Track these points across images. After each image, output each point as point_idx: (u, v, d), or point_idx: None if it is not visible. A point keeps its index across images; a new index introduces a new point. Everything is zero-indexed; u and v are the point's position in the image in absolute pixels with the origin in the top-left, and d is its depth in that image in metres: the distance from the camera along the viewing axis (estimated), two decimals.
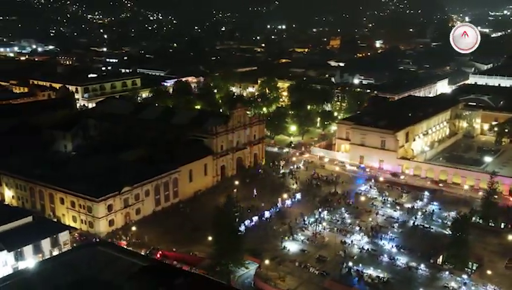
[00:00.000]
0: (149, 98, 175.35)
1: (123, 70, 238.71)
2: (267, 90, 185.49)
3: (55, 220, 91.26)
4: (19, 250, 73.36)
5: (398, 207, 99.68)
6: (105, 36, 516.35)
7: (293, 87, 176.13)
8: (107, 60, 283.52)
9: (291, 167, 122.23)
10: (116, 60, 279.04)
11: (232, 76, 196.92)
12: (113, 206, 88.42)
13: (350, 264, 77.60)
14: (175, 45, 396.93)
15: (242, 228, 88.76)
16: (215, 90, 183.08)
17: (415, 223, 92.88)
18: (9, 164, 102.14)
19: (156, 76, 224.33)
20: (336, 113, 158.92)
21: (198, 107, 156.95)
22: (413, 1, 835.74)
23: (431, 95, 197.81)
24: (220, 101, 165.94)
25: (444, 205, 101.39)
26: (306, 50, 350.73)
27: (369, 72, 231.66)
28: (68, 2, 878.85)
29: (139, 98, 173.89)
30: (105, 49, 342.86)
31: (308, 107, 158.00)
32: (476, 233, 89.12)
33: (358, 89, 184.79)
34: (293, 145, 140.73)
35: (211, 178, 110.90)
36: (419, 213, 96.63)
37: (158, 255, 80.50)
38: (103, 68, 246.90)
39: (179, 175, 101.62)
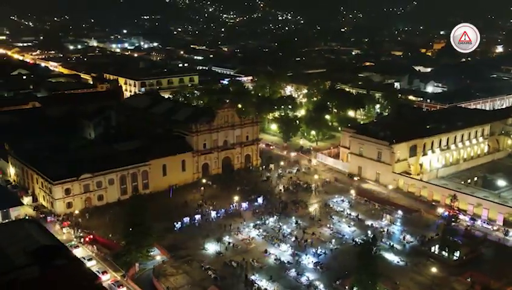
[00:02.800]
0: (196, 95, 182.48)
1: (199, 68, 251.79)
2: (315, 92, 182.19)
3: (31, 197, 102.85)
4: None
5: (352, 223, 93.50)
6: (222, 35, 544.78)
7: (323, 91, 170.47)
8: (195, 57, 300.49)
9: (280, 171, 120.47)
10: (202, 58, 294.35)
11: (281, 77, 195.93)
12: (71, 190, 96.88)
13: (249, 272, 76.06)
14: (276, 44, 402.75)
15: (178, 225, 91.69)
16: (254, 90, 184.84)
17: (358, 242, 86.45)
18: (18, 146, 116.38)
19: (224, 74, 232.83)
20: (364, 120, 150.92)
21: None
22: None
23: (500, 107, 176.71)
24: (254, 100, 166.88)
25: (411, 228, 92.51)
26: (402, 53, 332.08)
27: (448, 80, 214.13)
28: (208, 3, 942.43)
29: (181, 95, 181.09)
30: (203, 47, 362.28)
31: (335, 111, 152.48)
32: (419, 262, 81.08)
33: (411, 97, 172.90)
34: (303, 149, 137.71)
35: (190, 174, 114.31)
36: (369, 232, 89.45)
37: (87, 239, 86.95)
38: (180, 65, 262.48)
39: (149, 168, 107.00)
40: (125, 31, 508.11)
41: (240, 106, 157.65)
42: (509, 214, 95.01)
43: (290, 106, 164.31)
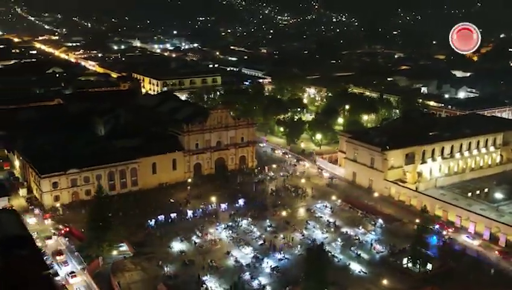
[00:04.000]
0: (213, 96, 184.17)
1: (228, 69, 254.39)
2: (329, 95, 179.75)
3: (26, 189, 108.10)
4: None
5: (325, 229, 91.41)
6: (270, 37, 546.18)
7: (335, 94, 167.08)
8: (229, 58, 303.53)
9: (272, 174, 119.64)
10: (236, 59, 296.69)
11: (300, 79, 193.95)
12: (58, 183, 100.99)
13: (202, 273, 76.41)
14: (315, 46, 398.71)
15: (152, 222, 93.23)
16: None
17: (325, 249, 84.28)
18: (28, 141, 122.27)
19: (250, 76, 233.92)
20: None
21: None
22: None
23: None
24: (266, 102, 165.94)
25: (389, 237, 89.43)
26: (445, 57, 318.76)
27: (484, 85, 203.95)
28: (264, 4, 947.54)
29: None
30: (242, 49, 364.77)
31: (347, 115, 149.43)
32: (382, 273, 78.09)
33: (432, 103, 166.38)
34: (305, 153, 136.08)
35: (182, 173, 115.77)
36: (339, 240, 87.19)
37: (63, 231, 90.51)
38: (210, 66, 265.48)
39: (138, 166, 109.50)
40: (175, 32, 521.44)
41: (255, 107, 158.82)
42: (497, 229, 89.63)
43: (301, 108, 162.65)
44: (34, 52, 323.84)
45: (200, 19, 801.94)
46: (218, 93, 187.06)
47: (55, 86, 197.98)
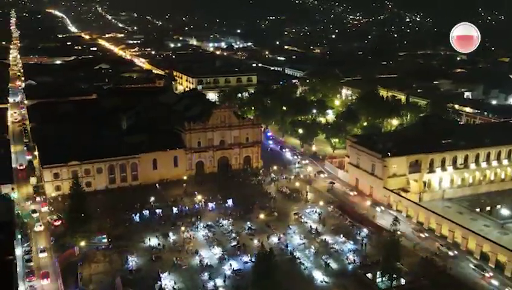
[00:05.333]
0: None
1: (272, 68, 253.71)
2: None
3: (37, 177, 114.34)
4: None
5: (303, 236, 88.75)
6: (333, 36, 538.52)
7: (359, 97, 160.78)
8: (278, 57, 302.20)
9: (273, 176, 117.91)
10: (283, 58, 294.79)
11: (331, 80, 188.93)
12: (59, 174, 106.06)
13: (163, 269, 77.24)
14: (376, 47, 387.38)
15: (136, 217, 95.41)
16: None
17: (295, 255, 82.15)
18: (50, 132, 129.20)
19: (291, 75, 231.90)
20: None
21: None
22: None
23: None
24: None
25: (370, 248, 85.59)
26: (508, 60, 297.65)
27: None
28: (336, 4, 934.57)
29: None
30: (295, 48, 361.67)
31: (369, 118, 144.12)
32: (344, 284, 74.95)
33: (468, 109, 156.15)
34: (316, 156, 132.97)
35: (183, 170, 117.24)
36: (312, 247, 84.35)
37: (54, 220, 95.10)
38: (253, 65, 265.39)
39: (138, 161, 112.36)
40: (238, 31, 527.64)
41: (284, 107, 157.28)
42: (489, 247, 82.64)
43: (325, 110, 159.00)
44: (95, 49, 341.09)
45: (270, 18, 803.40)
46: (249, 92, 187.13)
47: (100, 81, 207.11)
